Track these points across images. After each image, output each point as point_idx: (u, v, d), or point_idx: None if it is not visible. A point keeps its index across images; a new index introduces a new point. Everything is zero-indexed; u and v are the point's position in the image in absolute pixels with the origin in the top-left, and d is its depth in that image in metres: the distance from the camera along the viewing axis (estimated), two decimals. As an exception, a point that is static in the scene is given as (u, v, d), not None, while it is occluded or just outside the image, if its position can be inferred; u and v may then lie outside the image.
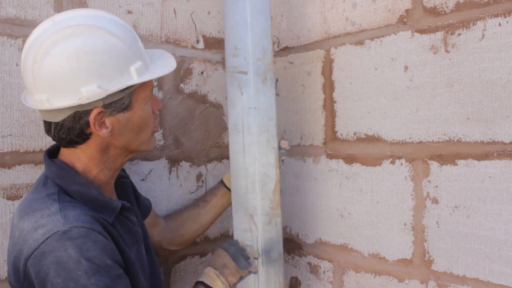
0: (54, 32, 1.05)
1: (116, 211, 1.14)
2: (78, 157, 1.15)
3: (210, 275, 1.29)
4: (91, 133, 1.12)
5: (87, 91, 1.05)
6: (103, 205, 1.13)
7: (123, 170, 1.40)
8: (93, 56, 1.05)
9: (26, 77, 1.08)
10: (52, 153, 1.20)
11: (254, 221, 1.34)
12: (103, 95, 1.06)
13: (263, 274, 1.35)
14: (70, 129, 1.10)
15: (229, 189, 1.50)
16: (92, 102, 1.06)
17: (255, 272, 1.35)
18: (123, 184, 1.31)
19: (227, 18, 1.37)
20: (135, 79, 1.10)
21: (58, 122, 1.10)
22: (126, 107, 1.12)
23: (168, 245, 1.53)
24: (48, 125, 1.13)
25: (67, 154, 1.17)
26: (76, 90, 1.05)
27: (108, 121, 1.11)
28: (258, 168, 1.34)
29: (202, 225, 1.56)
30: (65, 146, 1.16)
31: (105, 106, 1.09)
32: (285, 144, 1.43)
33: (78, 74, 1.04)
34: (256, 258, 1.35)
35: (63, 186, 1.11)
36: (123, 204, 1.17)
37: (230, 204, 1.51)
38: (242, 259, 1.32)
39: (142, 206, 1.46)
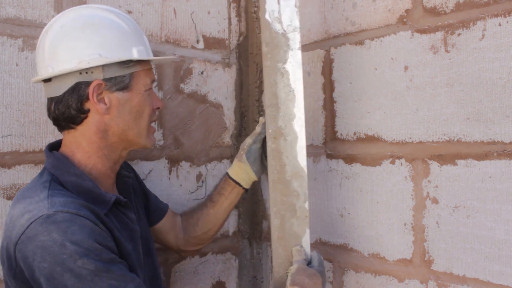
0: (68, 11, 1.19)
1: (110, 204, 1.14)
2: (78, 143, 1.17)
3: None
4: (89, 110, 1.15)
5: (89, 58, 1.12)
6: (96, 197, 1.13)
7: (129, 169, 1.40)
8: (99, 28, 1.15)
9: (38, 52, 1.17)
10: (53, 148, 1.22)
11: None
12: (103, 62, 1.13)
13: None
14: (69, 101, 1.14)
15: (237, 183, 1.46)
16: (93, 70, 1.13)
17: None
18: (125, 183, 1.31)
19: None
20: (135, 56, 1.17)
21: (59, 96, 1.14)
22: (125, 87, 1.17)
23: (185, 246, 1.53)
24: (49, 103, 1.17)
25: (67, 142, 1.19)
26: (77, 57, 1.12)
27: (107, 97, 1.15)
28: None
29: (214, 225, 1.53)
30: (64, 128, 1.18)
31: (105, 80, 1.14)
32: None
33: (82, 43, 1.13)
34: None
35: (58, 176, 1.13)
36: (118, 198, 1.17)
37: (240, 197, 1.50)
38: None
39: (156, 208, 1.47)
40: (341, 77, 1.53)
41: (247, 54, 1.85)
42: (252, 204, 1.82)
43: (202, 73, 1.71)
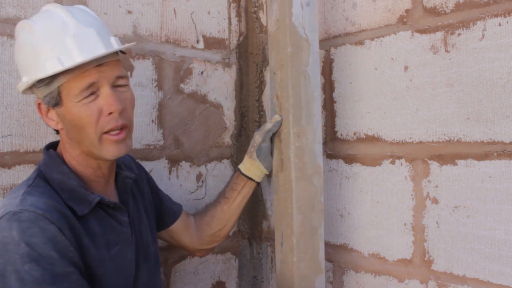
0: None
1: (92, 204, 1.14)
2: (63, 146, 1.20)
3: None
4: None
5: (21, 83, 1.14)
6: (80, 196, 1.13)
7: (137, 170, 1.39)
8: (18, 49, 1.14)
9: None
10: (52, 147, 1.23)
11: None
12: (23, 87, 1.13)
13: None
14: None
15: (249, 178, 1.47)
16: (35, 91, 1.13)
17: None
18: (124, 184, 1.30)
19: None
20: (48, 71, 1.08)
21: None
22: (56, 103, 1.12)
23: (201, 245, 1.54)
24: None
25: (60, 143, 1.22)
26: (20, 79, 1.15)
27: (51, 113, 1.15)
28: None
29: (228, 221, 1.52)
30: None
31: (42, 99, 1.13)
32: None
33: (17, 66, 1.17)
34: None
35: (46, 173, 1.14)
36: (103, 199, 1.16)
37: (252, 192, 1.50)
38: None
39: (170, 211, 1.47)
40: (341, 77, 1.53)
41: (247, 54, 1.85)
42: (252, 204, 1.82)
43: (202, 73, 1.71)
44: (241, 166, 1.48)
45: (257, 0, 1.82)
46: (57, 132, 1.21)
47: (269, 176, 1.49)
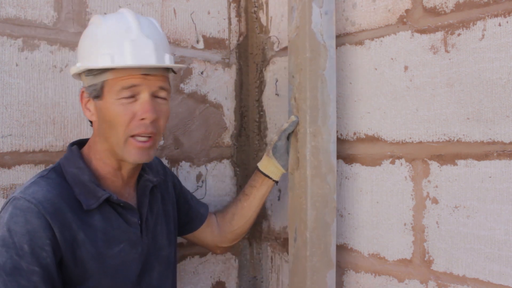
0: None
1: (100, 200, 1.17)
2: (91, 143, 1.26)
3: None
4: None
5: (74, 66, 1.20)
6: (89, 191, 1.17)
7: (161, 173, 1.41)
8: (82, 39, 1.21)
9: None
10: (78, 144, 1.27)
11: None
12: (75, 70, 1.19)
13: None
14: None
15: (267, 176, 1.51)
16: (83, 79, 1.19)
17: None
18: (144, 187, 1.31)
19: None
20: (99, 64, 1.14)
21: None
22: (98, 95, 1.17)
23: (222, 243, 1.58)
24: None
25: (90, 140, 1.27)
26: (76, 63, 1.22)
27: (89, 104, 1.20)
28: None
29: (249, 218, 1.57)
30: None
31: (86, 88, 1.19)
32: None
33: (77, 52, 1.24)
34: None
35: (63, 166, 1.20)
36: (111, 197, 1.18)
37: (270, 190, 1.55)
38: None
39: (197, 214, 1.52)
40: (341, 77, 1.53)
41: (247, 54, 1.85)
42: (252, 204, 1.82)
43: (202, 73, 1.71)
44: (259, 164, 1.54)
45: (257, 0, 1.82)
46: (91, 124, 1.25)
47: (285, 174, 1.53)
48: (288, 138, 1.48)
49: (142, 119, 1.15)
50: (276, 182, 1.54)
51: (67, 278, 1.12)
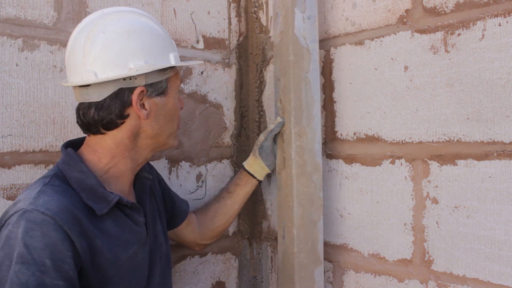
0: (106, 15, 1.17)
1: (111, 204, 1.13)
2: (105, 144, 1.18)
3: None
4: (128, 115, 1.16)
5: (135, 65, 1.13)
6: (99, 195, 1.12)
7: (150, 171, 1.40)
8: (142, 34, 1.16)
9: (74, 55, 1.15)
10: (70, 145, 1.22)
11: None
12: (150, 69, 1.14)
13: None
14: (112, 107, 1.14)
15: (251, 175, 1.56)
16: (138, 77, 1.14)
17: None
18: (143, 184, 1.31)
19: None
20: (172, 62, 1.20)
21: (100, 102, 1.13)
22: (163, 91, 1.20)
23: (202, 240, 1.59)
24: (85, 108, 1.15)
25: (92, 142, 1.19)
26: (124, 64, 1.13)
27: (147, 102, 1.17)
28: None
29: (231, 216, 1.61)
30: (95, 133, 1.17)
31: (146, 86, 1.16)
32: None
33: (128, 49, 1.14)
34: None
35: (64, 171, 1.14)
36: (121, 199, 1.16)
37: (254, 190, 1.59)
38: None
39: (180, 210, 1.50)
40: (341, 77, 1.53)
41: (247, 54, 1.85)
42: (252, 204, 1.82)
43: (202, 73, 1.71)
44: (244, 163, 1.59)
45: (257, 0, 1.82)
46: (93, 133, 1.18)
47: (270, 175, 1.54)
48: (275, 139, 1.53)
49: (181, 108, 1.30)
50: (260, 181, 1.59)
51: (85, 286, 1.07)
